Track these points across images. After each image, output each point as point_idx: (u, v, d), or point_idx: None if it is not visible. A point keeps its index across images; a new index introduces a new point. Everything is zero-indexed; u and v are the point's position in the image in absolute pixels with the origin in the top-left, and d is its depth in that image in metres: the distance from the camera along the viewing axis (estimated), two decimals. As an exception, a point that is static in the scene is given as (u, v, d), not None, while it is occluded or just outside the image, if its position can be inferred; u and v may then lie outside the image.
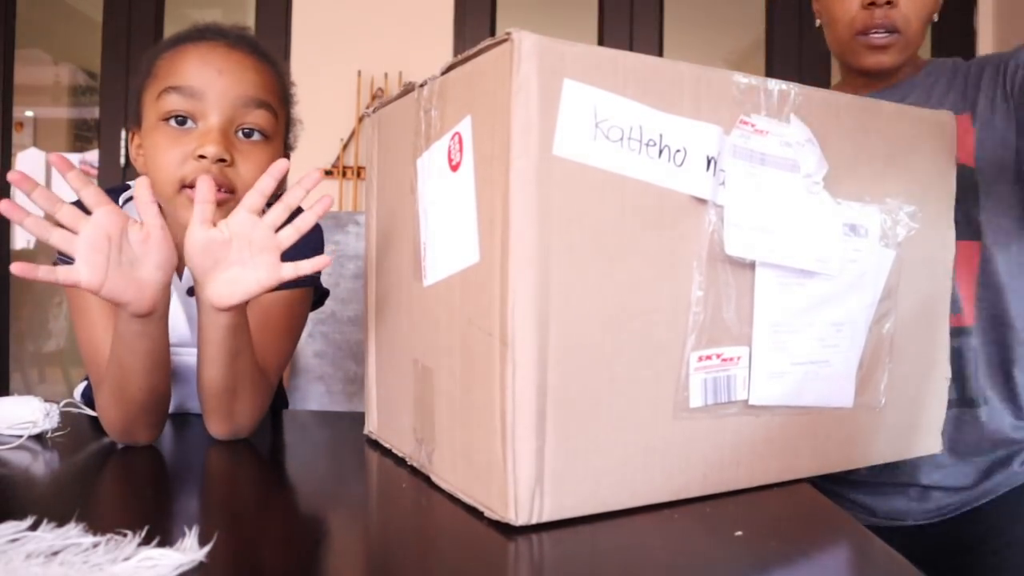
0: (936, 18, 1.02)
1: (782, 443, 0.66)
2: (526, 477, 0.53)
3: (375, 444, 0.80)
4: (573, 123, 0.53)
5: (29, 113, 3.65)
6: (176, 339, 0.86)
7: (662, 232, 0.58)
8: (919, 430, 0.77)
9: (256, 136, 0.81)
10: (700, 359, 0.60)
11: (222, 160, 0.78)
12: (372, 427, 0.82)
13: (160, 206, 0.69)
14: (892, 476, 0.98)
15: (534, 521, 0.54)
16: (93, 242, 0.63)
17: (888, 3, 0.95)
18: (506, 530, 0.54)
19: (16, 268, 0.60)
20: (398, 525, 0.60)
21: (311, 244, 0.83)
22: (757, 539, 0.54)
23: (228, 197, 0.79)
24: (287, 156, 0.87)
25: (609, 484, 0.57)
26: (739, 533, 0.54)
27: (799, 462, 0.68)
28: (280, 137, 0.86)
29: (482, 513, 0.57)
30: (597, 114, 0.54)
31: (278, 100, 0.85)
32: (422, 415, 0.68)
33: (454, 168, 0.61)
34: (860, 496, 1.03)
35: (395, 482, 0.69)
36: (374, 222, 0.80)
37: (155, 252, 0.66)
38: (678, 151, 0.58)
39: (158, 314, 0.70)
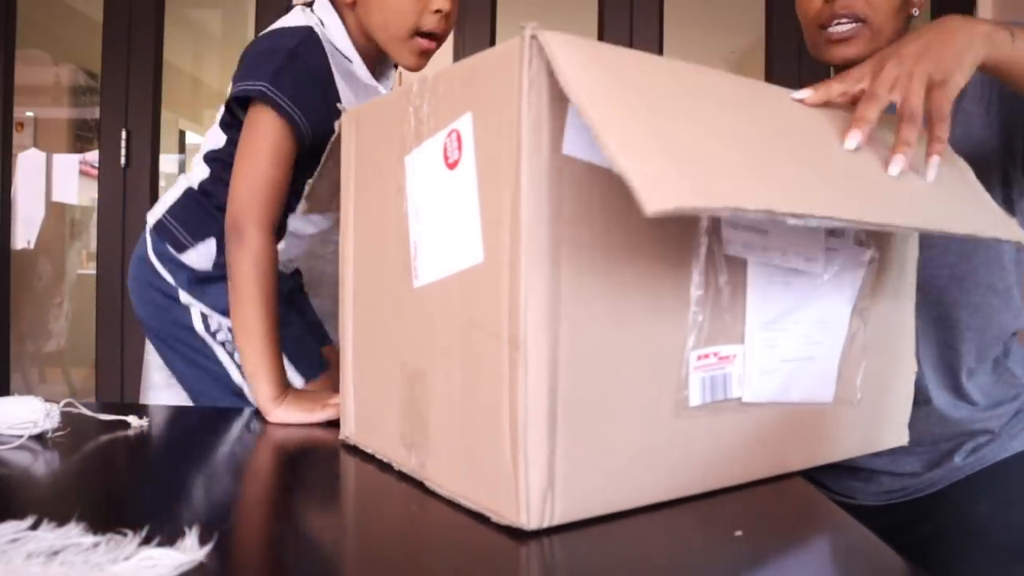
0: (916, 12, 0.96)
1: (772, 439, 0.67)
2: (538, 480, 0.52)
3: (352, 449, 0.78)
4: (581, 122, 0.53)
5: (29, 113, 3.71)
6: None
7: (664, 231, 0.58)
8: (887, 423, 0.80)
9: None
10: (699, 358, 0.61)
11: (438, 11, 1.00)
12: (349, 432, 0.79)
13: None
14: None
15: (545, 525, 0.53)
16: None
17: None
18: (515, 535, 0.53)
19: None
20: (397, 529, 0.59)
21: None
22: (756, 538, 0.55)
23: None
24: None
25: (615, 485, 0.57)
26: (739, 533, 0.55)
27: (787, 457, 0.69)
28: None
29: (485, 518, 0.56)
30: (602, 113, 0.54)
31: None
32: (412, 419, 0.66)
33: (451, 166, 0.59)
34: (815, 473, 1.07)
35: (383, 488, 0.68)
36: (351, 220, 0.78)
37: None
38: (677, 151, 0.58)
39: None
